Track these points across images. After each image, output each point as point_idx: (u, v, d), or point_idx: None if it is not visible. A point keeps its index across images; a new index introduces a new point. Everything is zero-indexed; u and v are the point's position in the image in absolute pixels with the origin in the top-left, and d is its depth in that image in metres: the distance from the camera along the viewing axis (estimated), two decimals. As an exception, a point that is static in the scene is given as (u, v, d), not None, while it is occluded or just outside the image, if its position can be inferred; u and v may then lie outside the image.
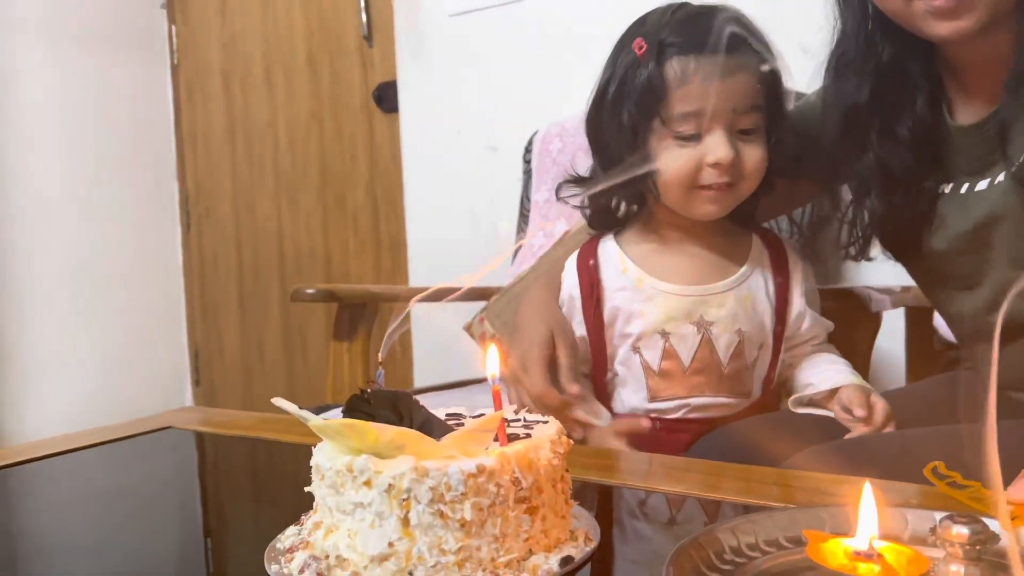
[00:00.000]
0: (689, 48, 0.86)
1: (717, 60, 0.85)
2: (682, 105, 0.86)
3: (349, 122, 2.32)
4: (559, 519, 0.56)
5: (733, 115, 0.87)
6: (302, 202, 2.43)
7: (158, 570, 0.61)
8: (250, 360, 2.56)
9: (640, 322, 0.93)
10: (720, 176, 0.87)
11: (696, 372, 0.92)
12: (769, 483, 0.69)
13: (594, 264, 0.96)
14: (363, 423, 0.52)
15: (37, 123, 2.34)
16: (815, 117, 0.91)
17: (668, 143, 0.88)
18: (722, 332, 0.92)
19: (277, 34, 2.42)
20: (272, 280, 2.51)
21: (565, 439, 0.59)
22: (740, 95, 0.86)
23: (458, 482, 0.51)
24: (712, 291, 0.93)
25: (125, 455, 0.91)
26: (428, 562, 0.51)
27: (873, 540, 0.46)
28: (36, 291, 2.33)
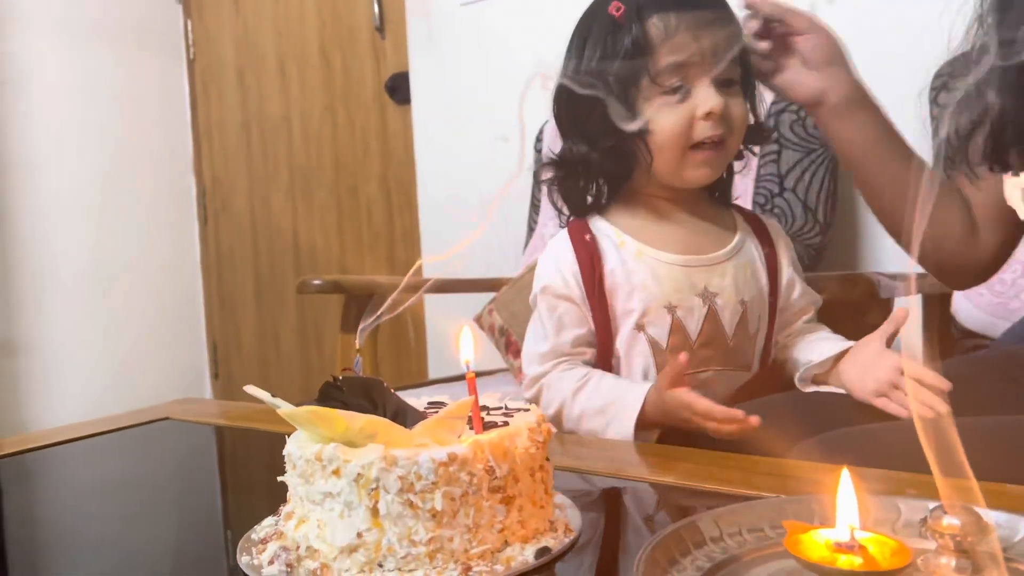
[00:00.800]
0: (668, 4, 0.87)
1: (695, 12, 0.87)
2: (669, 58, 0.86)
3: (362, 114, 2.31)
4: (537, 509, 0.55)
5: (716, 66, 0.87)
6: (316, 195, 2.43)
7: (141, 560, 0.60)
8: (266, 352, 2.57)
9: (643, 296, 0.90)
10: (714, 128, 0.87)
11: (703, 345, 0.90)
12: (764, 473, 0.66)
13: (591, 239, 0.93)
14: (331, 411, 0.51)
15: (55, 118, 2.36)
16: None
17: (657, 101, 0.87)
18: (726, 303, 0.90)
19: (290, 27, 2.42)
20: (287, 273, 2.51)
21: (545, 427, 0.57)
22: (720, 45, 0.87)
23: (428, 471, 0.49)
24: (714, 260, 0.91)
25: (121, 445, 0.91)
26: (398, 553, 0.50)
27: (854, 531, 0.44)
28: (55, 285, 2.36)
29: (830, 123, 0.93)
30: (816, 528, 0.45)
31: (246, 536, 0.57)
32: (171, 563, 0.61)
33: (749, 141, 0.95)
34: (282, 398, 0.54)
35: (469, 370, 0.55)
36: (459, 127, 2.12)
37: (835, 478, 0.62)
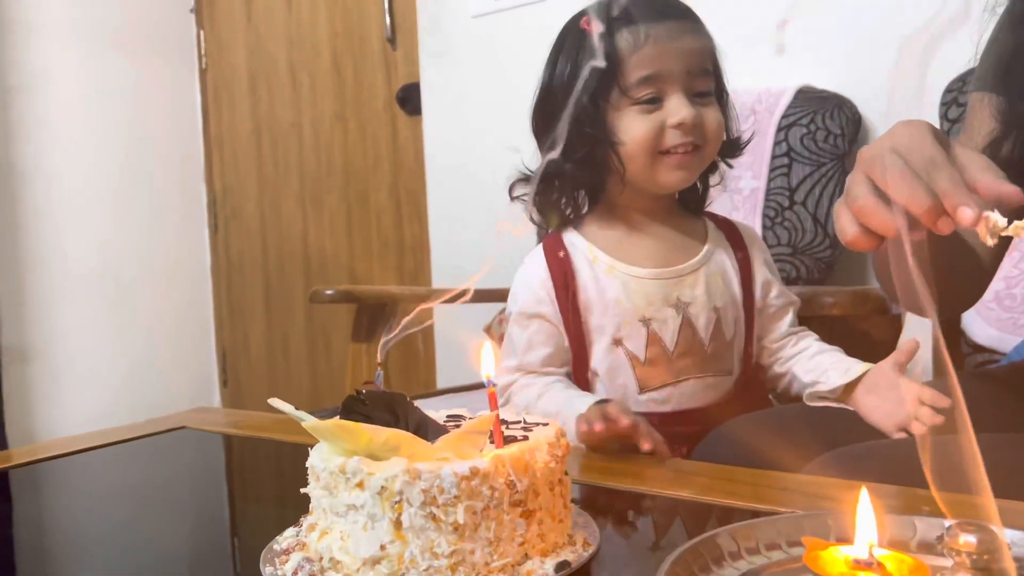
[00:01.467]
0: (637, 17, 0.88)
1: (666, 25, 0.88)
2: (638, 70, 0.87)
3: (373, 124, 2.33)
4: (557, 523, 0.55)
5: (688, 77, 0.88)
6: (326, 203, 2.44)
7: (162, 568, 0.61)
8: (275, 360, 2.58)
9: (618, 311, 0.92)
10: (684, 136, 0.88)
11: (681, 355, 0.92)
12: (779, 488, 0.67)
13: (564, 255, 0.94)
14: (355, 424, 0.52)
15: (68, 125, 2.38)
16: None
17: (628, 112, 0.89)
18: (700, 311, 0.92)
19: (302, 37, 2.44)
20: (297, 281, 2.52)
21: (564, 442, 0.58)
22: (693, 57, 0.88)
23: (451, 484, 0.50)
24: (684, 271, 0.93)
25: (139, 455, 0.92)
26: (420, 566, 0.50)
27: (873, 548, 0.44)
28: (66, 291, 2.37)
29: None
30: (835, 545, 0.46)
31: (268, 547, 0.58)
32: (187, 573, 0.61)
33: (722, 154, 0.96)
34: (291, 403, 0.55)
35: (490, 385, 0.56)
36: (469, 138, 2.13)
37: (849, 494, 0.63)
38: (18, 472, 0.86)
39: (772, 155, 1.51)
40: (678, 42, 0.88)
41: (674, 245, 0.95)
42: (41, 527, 0.73)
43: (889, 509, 0.50)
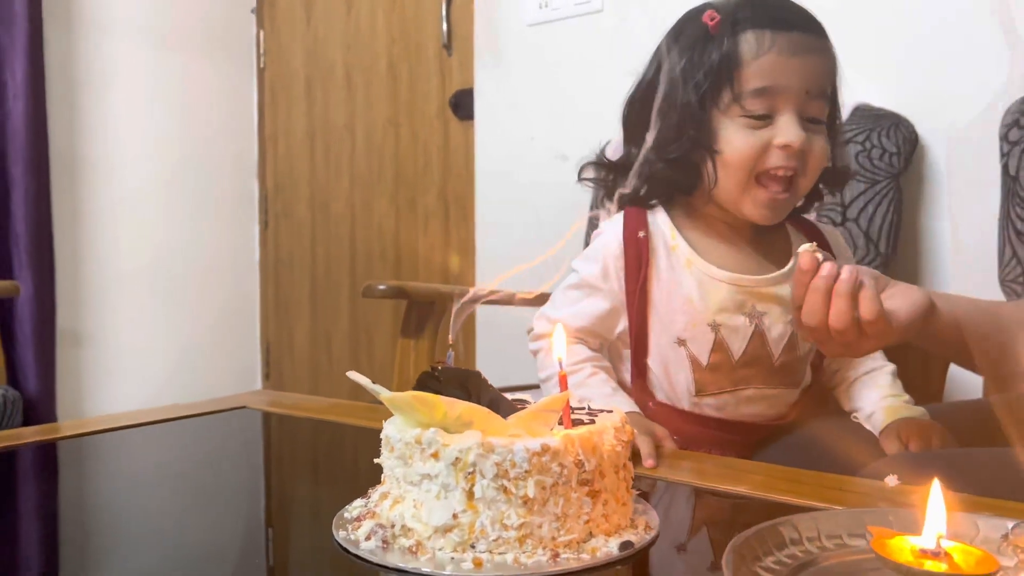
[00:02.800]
0: (765, 21, 0.82)
1: (793, 35, 0.82)
2: (756, 80, 0.82)
3: (424, 128, 2.37)
4: (620, 505, 0.57)
5: (805, 98, 0.82)
6: (375, 205, 2.48)
7: (227, 539, 0.64)
8: (318, 356, 2.62)
9: (688, 310, 0.87)
10: (787, 160, 0.82)
11: (746, 364, 0.88)
12: (834, 488, 0.68)
13: (644, 237, 0.89)
14: (433, 396, 0.54)
15: (130, 120, 2.45)
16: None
17: (736, 122, 0.83)
18: (774, 323, 0.88)
19: (359, 41, 2.49)
20: (342, 280, 2.57)
21: (628, 428, 0.59)
22: (814, 77, 0.83)
23: (523, 459, 0.52)
24: (764, 282, 0.88)
25: (201, 430, 0.95)
26: (490, 536, 0.52)
27: (940, 539, 0.45)
28: (121, 281, 2.44)
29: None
30: (902, 535, 0.47)
31: (338, 515, 0.60)
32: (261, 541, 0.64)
33: (827, 182, 0.92)
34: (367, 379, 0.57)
35: (562, 368, 0.58)
36: (519, 145, 2.16)
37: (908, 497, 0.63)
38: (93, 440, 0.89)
39: (826, 171, 1.51)
40: (802, 57, 0.82)
41: (756, 252, 0.90)
42: (116, 499, 0.76)
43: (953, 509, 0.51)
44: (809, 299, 0.71)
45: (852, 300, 0.69)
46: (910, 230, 1.56)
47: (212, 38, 2.64)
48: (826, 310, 0.69)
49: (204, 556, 0.58)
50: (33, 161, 2.18)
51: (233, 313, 2.71)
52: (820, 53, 0.83)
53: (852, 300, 0.69)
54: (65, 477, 0.83)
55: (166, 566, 0.56)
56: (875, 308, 0.68)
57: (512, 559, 0.51)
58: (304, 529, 0.65)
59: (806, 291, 0.70)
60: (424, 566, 0.51)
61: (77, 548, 0.62)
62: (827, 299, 0.69)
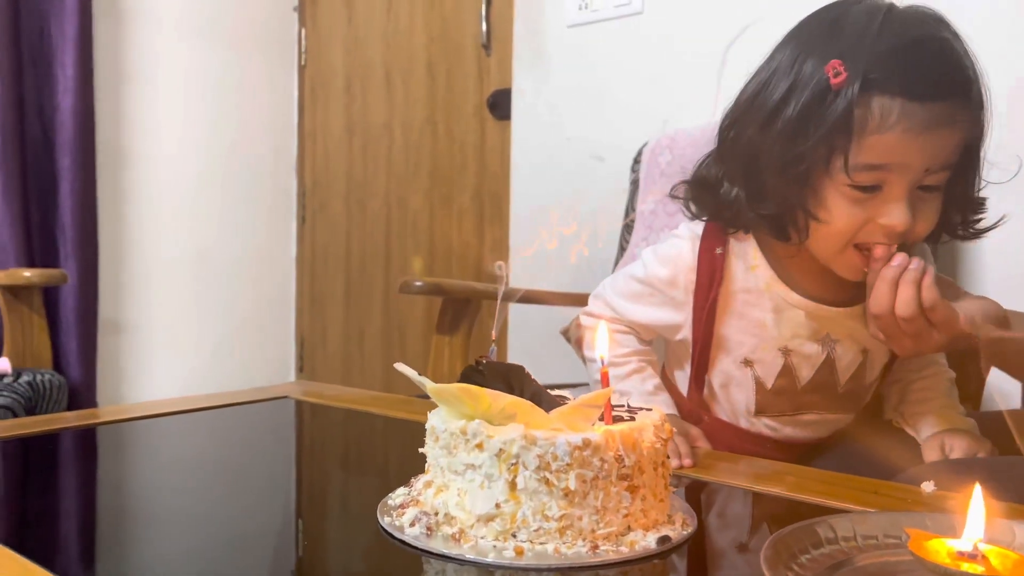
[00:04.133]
0: (897, 88, 0.71)
1: (927, 108, 0.71)
2: (872, 155, 0.73)
3: (461, 127, 2.39)
4: (658, 501, 0.58)
5: (924, 175, 0.74)
6: (411, 202, 2.51)
7: (275, 523, 0.66)
8: (351, 351, 2.66)
9: (759, 333, 0.85)
10: (888, 237, 0.76)
11: (811, 391, 0.86)
12: (869, 491, 0.68)
13: (721, 253, 0.85)
14: (479, 389, 0.55)
15: (172, 115, 2.51)
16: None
17: (841, 191, 0.75)
18: (846, 352, 0.85)
19: (399, 40, 2.52)
20: (377, 276, 2.60)
21: (667, 427, 0.61)
22: (938, 153, 0.73)
23: (564, 453, 0.53)
24: (842, 314, 0.84)
25: (245, 419, 0.97)
26: (531, 526, 0.54)
27: (978, 543, 0.46)
28: (161, 272, 2.49)
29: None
30: (939, 537, 0.47)
31: (382, 502, 0.62)
32: (307, 525, 0.66)
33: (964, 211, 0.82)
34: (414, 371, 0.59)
35: (603, 364, 0.59)
36: (556, 145, 2.17)
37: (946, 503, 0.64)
38: (135, 426, 0.92)
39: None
40: (932, 133, 0.72)
41: (837, 281, 0.83)
42: (164, 483, 0.78)
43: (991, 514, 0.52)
44: (878, 287, 0.72)
45: (918, 288, 0.70)
46: (949, 248, 1.54)
47: (255, 35, 2.69)
48: (893, 298, 0.71)
49: (254, 538, 0.60)
50: (80, 154, 2.24)
51: (269, 306, 2.75)
52: (955, 125, 0.73)
53: (918, 288, 0.70)
54: (126, 459, 0.86)
55: (213, 548, 0.58)
56: (935, 294, 0.70)
57: (552, 549, 0.53)
58: (349, 515, 0.67)
59: (876, 279, 0.73)
60: (467, 553, 0.53)
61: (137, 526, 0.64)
62: (894, 288, 0.71)
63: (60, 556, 0.57)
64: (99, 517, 0.67)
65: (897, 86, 0.71)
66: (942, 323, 0.71)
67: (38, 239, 2.23)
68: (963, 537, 0.46)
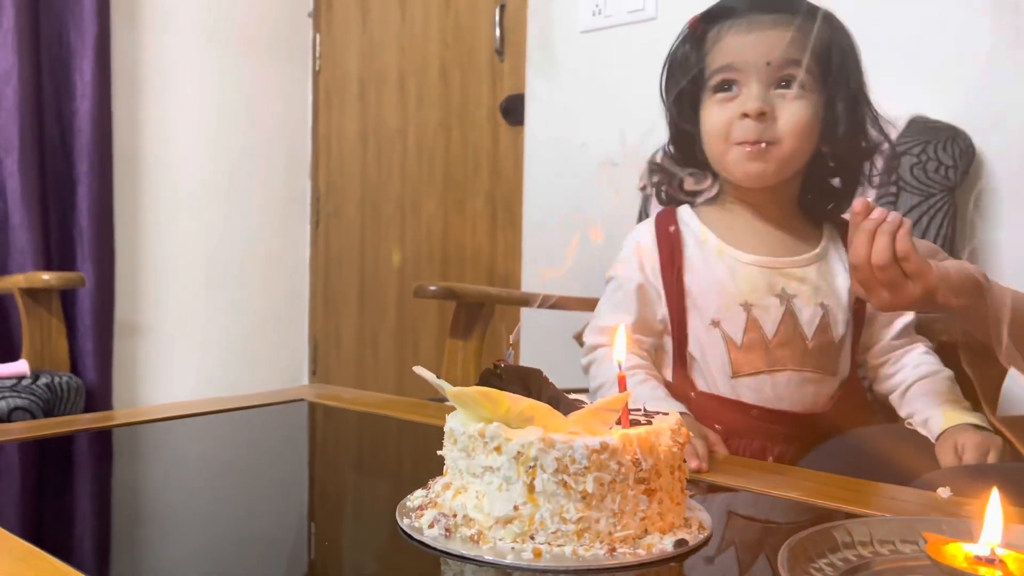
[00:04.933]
0: (728, 14, 0.92)
1: (751, 17, 0.90)
2: (717, 60, 0.91)
3: (475, 132, 2.40)
4: (675, 505, 0.58)
5: (769, 68, 0.89)
6: (424, 207, 2.52)
7: (294, 525, 0.66)
8: (364, 354, 2.67)
9: (720, 292, 0.93)
10: (753, 129, 0.89)
11: (780, 345, 0.92)
12: (886, 497, 0.68)
13: (675, 230, 0.96)
14: (498, 392, 0.56)
15: (188, 119, 2.53)
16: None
17: (710, 102, 0.93)
18: (804, 305, 0.92)
19: (413, 46, 2.53)
20: (390, 279, 2.61)
21: (684, 431, 0.61)
22: (773, 48, 0.88)
23: (582, 456, 0.54)
24: (792, 263, 0.94)
25: (261, 422, 0.98)
26: (549, 528, 0.54)
27: (996, 547, 0.46)
28: (176, 275, 2.51)
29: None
30: (956, 542, 0.47)
31: (401, 504, 0.62)
32: (326, 528, 0.67)
33: (846, 153, 0.95)
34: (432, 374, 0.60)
35: (621, 369, 0.60)
36: (568, 150, 2.18)
37: (962, 508, 0.64)
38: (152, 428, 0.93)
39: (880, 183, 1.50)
40: (760, 32, 0.89)
41: (785, 238, 0.95)
42: (181, 485, 0.79)
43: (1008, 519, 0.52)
44: (856, 239, 0.76)
45: (892, 238, 0.74)
46: (965, 244, 1.54)
47: (270, 41, 2.71)
48: (870, 248, 0.74)
49: (273, 539, 0.61)
50: (97, 157, 2.26)
51: (283, 309, 2.77)
52: (780, 27, 0.89)
53: (892, 238, 0.74)
54: (141, 461, 0.87)
55: (232, 549, 0.59)
56: (908, 244, 0.74)
57: (570, 551, 0.53)
58: (367, 516, 0.68)
59: (856, 231, 0.76)
60: (486, 554, 0.54)
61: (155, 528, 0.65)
62: (871, 239, 0.75)
63: (76, 554, 0.58)
64: (115, 517, 0.68)
65: (728, 12, 0.92)
66: (915, 273, 0.74)
67: (56, 242, 2.25)
68: (980, 542, 0.46)
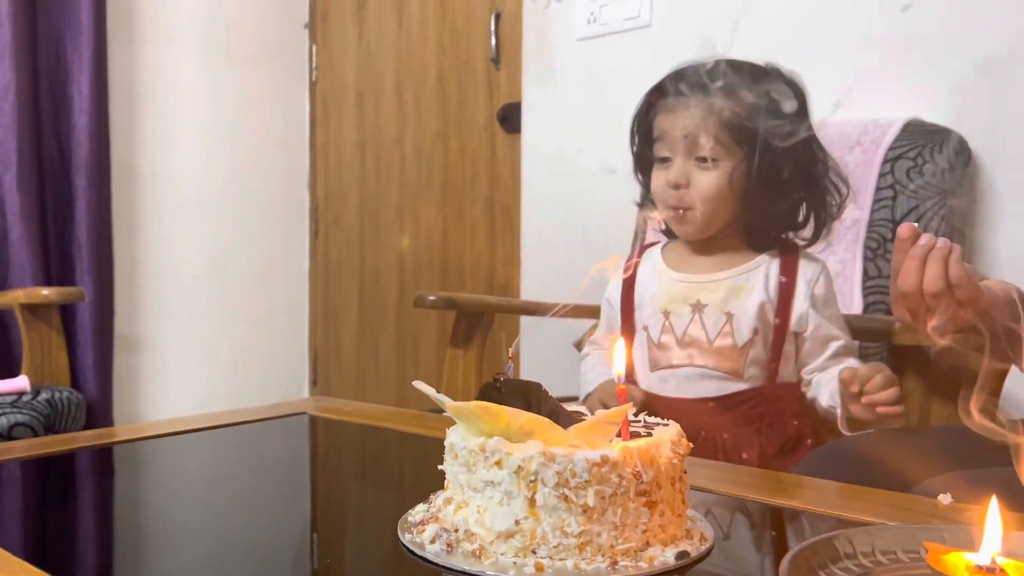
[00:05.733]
0: (667, 91, 1.07)
1: (673, 99, 1.07)
2: (655, 134, 1.08)
3: (473, 141, 2.40)
4: (676, 517, 0.58)
5: (686, 142, 1.04)
6: (423, 215, 2.52)
7: (297, 539, 0.66)
8: (365, 364, 2.67)
9: (652, 303, 1.12)
10: (673, 196, 1.05)
11: (687, 345, 1.08)
12: (887, 504, 0.68)
13: (636, 261, 1.18)
14: (497, 407, 0.56)
15: (187, 130, 2.53)
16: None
17: (655, 169, 1.09)
18: (711, 313, 1.07)
19: (410, 55, 2.54)
20: (390, 289, 2.61)
21: (685, 441, 0.61)
22: (688, 127, 1.04)
23: (583, 469, 0.54)
24: (709, 279, 1.09)
25: (264, 435, 0.98)
26: (551, 542, 0.54)
27: (996, 556, 0.46)
28: (176, 288, 2.51)
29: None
30: (957, 551, 0.48)
31: (402, 519, 0.62)
32: (328, 541, 0.67)
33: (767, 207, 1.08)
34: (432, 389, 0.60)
35: (620, 381, 0.60)
36: (566, 158, 2.18)
37: (962, 515, 0.64)
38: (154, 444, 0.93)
39: (877, 187, 1.51)
40: (682, 110, 1.04)
41: (711, 261, 1.11)
42: (179, 499, 0.79)
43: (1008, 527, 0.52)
44: (906, 265, 0.75)
45: (945, 266, 0.74)
46: (963, 247, 1.54)
47: (267, 52, 2.72)
48: (921, 275, 0.73)
49: (274, 554, 0.61)
50: (95, 172, 2.26)
51: (283, 320, 2.77)
52: (694, 108, 1.04)
53: (945, 266, 0.74)
54: (143, 478, 0.87)
55: (234, 564, 0.59)
56: (962, 270, 0.73)
57: (572, 565, 0.53)
58: (370, 532, 0.68)
59: (904, 259, 0.75)
60: (487, 570, 0.54)
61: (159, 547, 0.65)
62: (922, 265, 0.74)
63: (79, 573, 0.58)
64: (116, 536, 0.68)
65: (663, 91, 1.08)
66: (968, 300, 0.73)
67: (55, 257, 2.25)
68: (981, 551, 0.46)
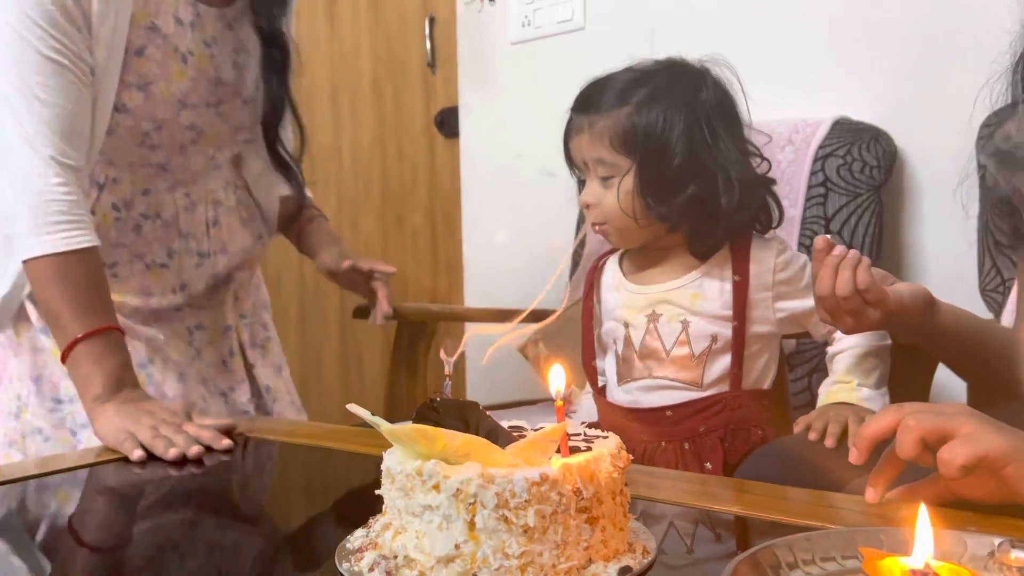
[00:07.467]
0: (576, 113, 1.07)
1: (572, 120, 1.08)
2: (571, 154, 1.09)
3: (411, 147, 2.38)
4: (618, 531, 0.58)
5: (586, 166, 1.06)
6: (363, 224, 2.49)
7: (231, 570, 0.64)
8: (308, 376, 2.62)
9: (613, 316, 1.11)
10: (591, 215, 1.07)
11: (645, 356, 1.07)
12: (824, 505, 0.69)
13: (598, 272, 1.17)
14: (434, 429, 0.55)
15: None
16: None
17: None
18: (667, 322, 1.06)
19: (344, 61, 2.50)
20: (331, 299, 2.57)
21: (624, 454, 0.61)
22: (593, 147, 1.04)
23: (522, 489, 0.53)
24: (663, 289, 1.08)
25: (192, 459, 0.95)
26: (492, 565, 0.53)
27: (929, 560, 0.47)
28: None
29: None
30: (892, 556, 0.48)
31: (340, 546, 0.61)
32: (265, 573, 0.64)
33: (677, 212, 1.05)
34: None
35: (558, 399, 0.59)
36: (505, 161, 2.18)
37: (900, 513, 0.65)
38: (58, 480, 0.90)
39: (808, 184, 1.54)
40: (581, 133, 1.05)
41: (667, 271, 1.09)
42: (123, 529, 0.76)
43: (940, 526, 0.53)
44: (821, 273, 0.86)
45: (854, 273, 0.84)
46: (892, 242, 1.58)
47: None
48: (834, 281, 0.84)
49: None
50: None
51: (222, 334, 2.70)
52: (586, 130, 1.05)
53: (854, 273, 0.84)
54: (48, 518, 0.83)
55: (171, 602, 0.56)
56: (869, 276, 0.84)
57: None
58: (305, 561, 0.66)
59: (819, 267, 0.86)
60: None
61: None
62: (835, 273, 0.85)
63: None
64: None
65: (573, 115, 1.08)
66: (875, 301, 0.85)
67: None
68: (914, 555, 0.47)
